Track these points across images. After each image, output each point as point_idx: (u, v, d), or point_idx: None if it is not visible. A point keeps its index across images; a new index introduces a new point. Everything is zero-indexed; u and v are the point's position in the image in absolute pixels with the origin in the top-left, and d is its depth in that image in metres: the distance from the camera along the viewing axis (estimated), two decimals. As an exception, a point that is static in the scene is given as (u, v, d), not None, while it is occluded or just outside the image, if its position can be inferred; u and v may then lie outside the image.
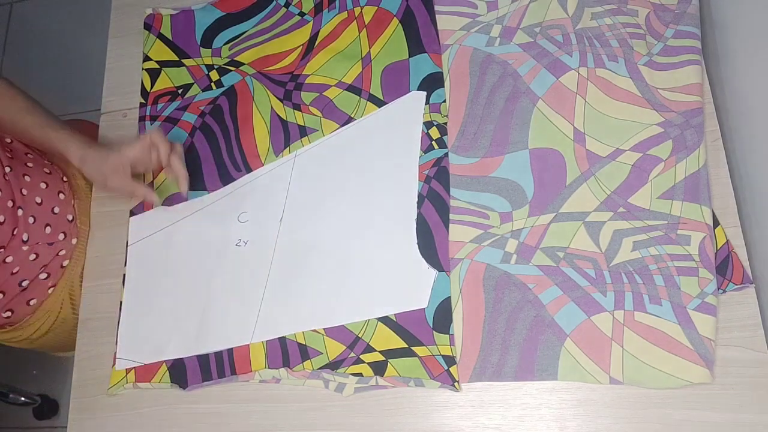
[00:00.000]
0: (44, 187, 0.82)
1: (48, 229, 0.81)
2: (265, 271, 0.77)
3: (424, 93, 0.79)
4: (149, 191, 0.79)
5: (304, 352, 0.73)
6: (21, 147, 0.85)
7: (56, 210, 0.83)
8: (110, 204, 0.87)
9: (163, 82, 0.90)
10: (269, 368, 0.74)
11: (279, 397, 0.73)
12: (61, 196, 0.84)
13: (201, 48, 0.90)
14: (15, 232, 0.77)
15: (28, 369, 0.72)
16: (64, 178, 0.87)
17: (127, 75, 0.93)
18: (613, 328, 0.67)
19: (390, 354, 0.71)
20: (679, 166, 0.71)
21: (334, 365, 0.72)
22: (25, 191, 0.80)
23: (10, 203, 0.77)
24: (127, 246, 0.84)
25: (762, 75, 0.66)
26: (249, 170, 0.82)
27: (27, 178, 0.81)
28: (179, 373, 0.76)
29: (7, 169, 0.78)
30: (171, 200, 0.84)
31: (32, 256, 0.80)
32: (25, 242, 0.79)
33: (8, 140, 0.84)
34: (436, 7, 0.83)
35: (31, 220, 0.79)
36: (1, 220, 0.76)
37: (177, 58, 0.90)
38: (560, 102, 0.76)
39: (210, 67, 0.89)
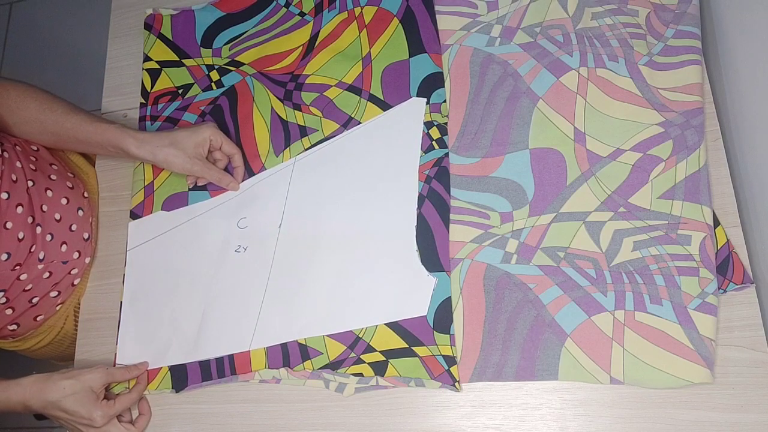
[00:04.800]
0: (65, 202, 0.81)
1: (64, 248, 0.80)
2: (264, 277, 0.77)
3: (425, 99, 0.79)
4: (232, 178, 0.81)
5: (305, 352, 0.73)
6: (47, 156, 0.84)
7: (73, 228, 0.81)
8: (111, 204, 0.87)
9: (164, 82, 0.90)
10: (269, 368, 0.74)
11: (279, 397, 0.73)
12: (80, 212, 0.83)
13: (201, 48, 0.90)
14: (32, 250, 0.76)
15: (28, 369, 0.72)
16: (85, 194, 0.85)
17: (127, 75, 0.93)
18: (614, 328, 0.67)
19: (390, 354, 0.71)
20: (680, 166, 0.71)
21: (334, 365, 0.72)
22: (45, 207, 0.78)
23: (30, 219, 0.76)
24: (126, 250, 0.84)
25: (762, 75, 0.66)
26: (249, 170, 0.82)
27: (49, 193, 0.79)
28: (179, 376, 0.76)
29: (30, 183, 0.77)
30: (170, 205, 0.84)
31: (46, 274, 0.79)
32: (41, 260, 0.77)
33: (34, 147, 0.83)
34: (437, 7, 0.83)
35: (48, 237, 0.78)
36: (21, 237, 0.74)
37: (177, 58, 0.90)
38: (560, 102, 0.76)
39: (210, 67, 0.89)
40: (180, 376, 0.76)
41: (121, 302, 0.81)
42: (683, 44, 0.74)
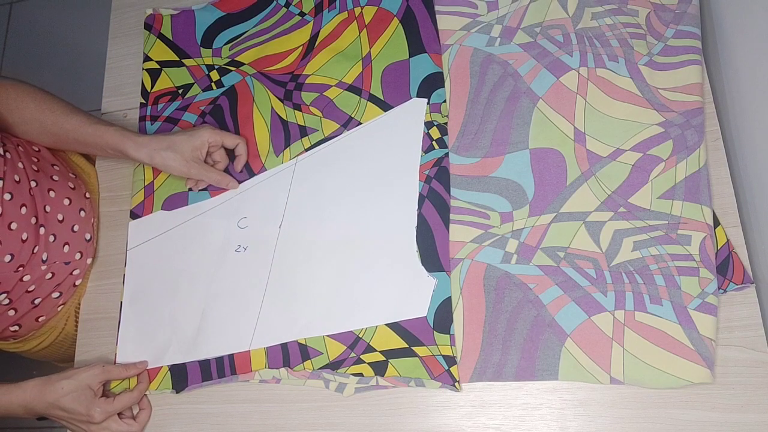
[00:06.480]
0: (67, 203, 0.81)
1: (66, 248, 0.80)
2: (264, 277, 0.77)
3: (425, 100, 0.79)
4: (231, 178, 0.81)
5: (305, 352, 0.73)
6: (48, 157, 0.84)
7: (75, 228, 0.81)
8: (111, 204, 0.87)
9: (164, 82, 0.90)
10: (269, 368, 0.74)
11: (279, 397, 0.73)
12: (82, 213, 0.83)
13: (201, 48, 0.90)
14: (35, 251, 0.76)
15: (30, 371, 0.72)
16: (87, 194, 0.85)
17: (127, 75, 0.93)
18: (614, 328, 0.67)
19: (390, 354, 0.71)
20: (680, 166, 0.71)
21: (334, 365, 0.72)
22: (48, 208, 0.78)
23: (33, 220, 0.76)
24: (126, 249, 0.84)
25: (762, 75, 0.66)
26: (249, 170, 0.82)
27: (52, 194, 0.79)
28: (180, 375, 0.76)
29: (33, 184, 0.77)
30: (170, 205, 0.84)
31: (48, 275, 0.79)
32: (44, 262, 0.77)
33: (36, 148, 0.83)
34: (437, 7, 0.83)
35: (51, 238, 0.78)
36: (24, 238, 0.74)
37: (177, 59, 0.90)
38: (560, 102, 0.76)
39: (210, 67, 0.89)
40: (180, 376, 0.76)
41: (121, 302, 0.81)
42: (683, 44, 0.74)
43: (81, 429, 0.73)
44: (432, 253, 0.73)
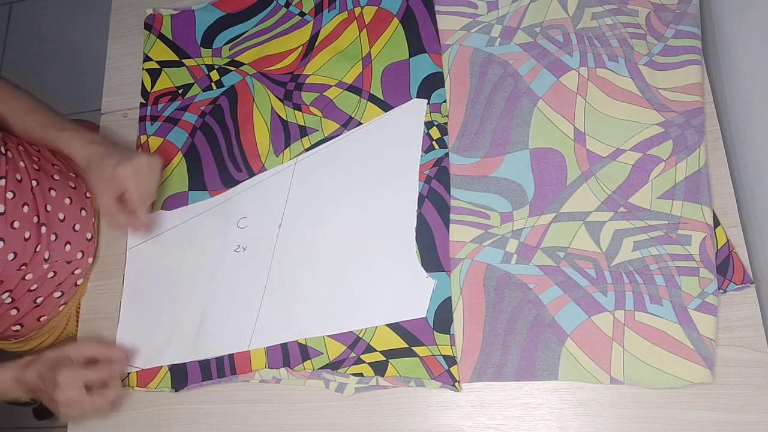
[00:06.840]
0: (68, 202, 0.81)
1: (68, 247, 0.80)
2: (263, 277, 0.77)
3: (425, 101, 0.79)
4: (133, 222, 0.75)
5: (305, 352, 0.73)
6: (49, 156, 0.84)
7: (77, 227, 0.81)
8: (110, 204, 0.87)
9: (164, 82, 0.90)
10: (269, 368, 0.74)
11: (279, 397, 0.74)
12: (83, 212, 0.83)
13: (201, 48, 0.90)
14: (38, 249, 0.76)
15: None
16: (87, 194, 0.85)
17: (127, 75, 0.93)
18: (614, 328, 0.67)
19: (390, 354, 0.71)
20: (680, 165, 0.71)
21: (334, 365, 0.72)
22: (49, 207, 0.78)
23: (35, 219, 0.76)
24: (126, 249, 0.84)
25: (762, 75, 0.66)
26: (249, 170, 0.82)
27: (53, 193, 0.79)
28: (179, 375, 0.76)
29: (34, 183, 0.77)
30: (170, 204, 0.84)
31: (50, 274, 0.79)
32: (46, 260, 0.77)
33: (36, 148, 0.83)
34: (437, 7, 0.83)
35: (53, 237, 0.78)
36: (27, 237, 0.75)
37: (177, 58, 0.90)
38: (561, 102, 0.76)
39: (210, 67, 0.89)
40: (180, 376, 0.76)
41: (120, 302, 0.81)
42: (683, 44, 0.74)
43: (47, 396, 0.70)
44: (432, 253, 0.73)
